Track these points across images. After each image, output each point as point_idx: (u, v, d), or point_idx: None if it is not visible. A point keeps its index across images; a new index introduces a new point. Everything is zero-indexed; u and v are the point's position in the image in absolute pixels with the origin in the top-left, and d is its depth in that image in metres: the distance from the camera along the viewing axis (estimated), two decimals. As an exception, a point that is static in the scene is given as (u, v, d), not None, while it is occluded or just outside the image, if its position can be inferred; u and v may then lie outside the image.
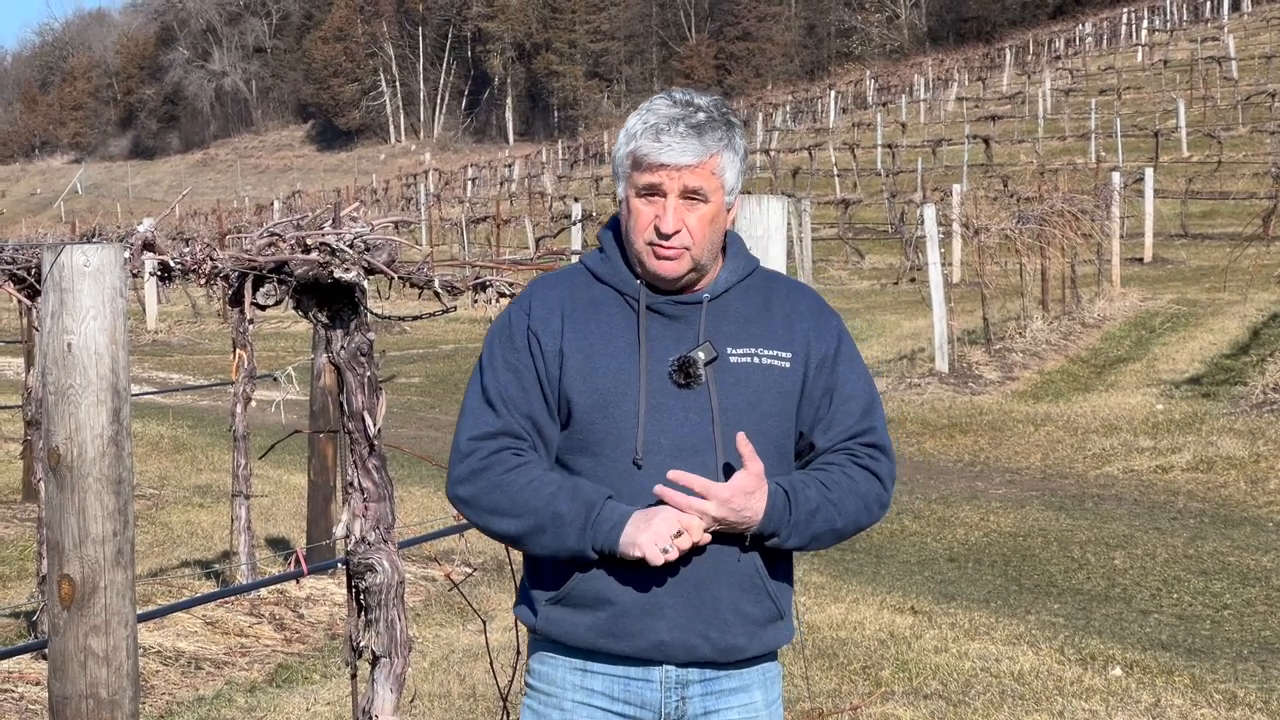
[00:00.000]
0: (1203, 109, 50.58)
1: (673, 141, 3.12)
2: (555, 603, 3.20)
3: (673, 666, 3.18)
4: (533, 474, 3.14)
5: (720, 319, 3.21)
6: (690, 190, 3.14)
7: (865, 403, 3.28)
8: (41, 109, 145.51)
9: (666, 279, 3.17)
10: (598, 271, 3.26)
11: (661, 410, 3.13)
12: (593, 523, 3.06)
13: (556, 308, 3.22)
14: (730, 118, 3.21)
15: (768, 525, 3.11)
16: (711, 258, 3.21)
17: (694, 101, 3.18)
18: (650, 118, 3.16)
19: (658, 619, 3.13)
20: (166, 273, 3.87)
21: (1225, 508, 11.56)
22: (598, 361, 3.16)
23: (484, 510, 3.17)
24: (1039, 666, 7.53)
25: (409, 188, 74.64)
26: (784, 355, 3.22)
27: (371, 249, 4.11)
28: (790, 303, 3.30)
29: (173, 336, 31.20)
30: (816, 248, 33.11)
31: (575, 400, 3.15)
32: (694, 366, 3.13)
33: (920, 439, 14.88)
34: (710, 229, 3.17)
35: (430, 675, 7.35)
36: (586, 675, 3.22)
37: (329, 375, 8.76)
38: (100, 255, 3.35)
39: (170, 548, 10.90)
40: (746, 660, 3.24)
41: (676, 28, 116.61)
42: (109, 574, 3.38)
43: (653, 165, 3.13)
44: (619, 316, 3.20)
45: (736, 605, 3.17)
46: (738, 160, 3.21)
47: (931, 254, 18.90)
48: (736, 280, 3.26)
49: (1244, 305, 22.36)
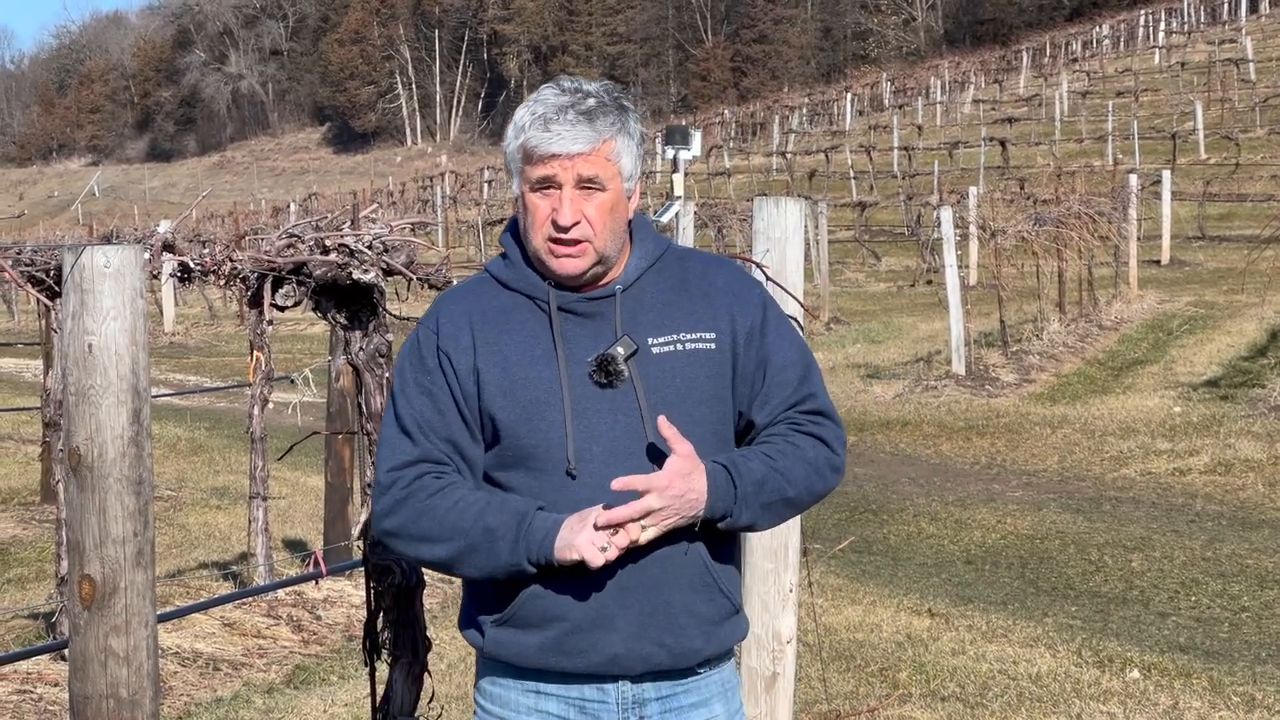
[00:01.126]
0: (1220, 111, 50.43)
1: (563, 130, 2.99)
2: (501, 624, 3.07)
3: (628, 683, 3.06)
4: (457, 495, 3.01)
5: (636, 309, 3.08)
6: (585, 179, 3.01)
7: (801, 370, 3.16)
8: (59, 112, 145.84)
9: (569, 276, 3.04)
10: (503, 278, 3.13)
11: (588, 415, 3.01)
12: (524, 533, 2.93)
13: (464, 322, 3.09)
14: (623, 101, 3.08)
15: (715, 505, 2.97)
16: (616, 249, 3.08)
17: (583, 88, 3.06)
18: (538, 108, 3.04)
19: (610, 632, 3.01)
20: (186, 274, 3.88)
21: (1243, 510, 11.53)
22: (516, 372, 3.03)
23: (412, 539, 3.03)
24: (1056, 669, 7.52)
25: (425, 190, 74.69)
26: (708, 336, 3.09)
27: (390, 250, 4.12)
28: (707, 279, 3.15)
29: (190, 339, 31.28)
30: (833, 250, 33.08)
31: (498, 416, 3.03)
32: (613, 364, 3.00)
33: (937, 441, 14.86)
34: (611, 218, 3.04)
35: (448, 676, 7.36)
36: (540, 698, 3.10)
37: (346, 377, 8.77)
38: (121, 256, 3.35)
39: (188, 549, 10.93)
40: (704, 664, 3.13)
41: (693, 30, 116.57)
42: (129, 574, 3.39)
43: (544, 156, 3.00)
44: (531, 322, 3.07)
45: (689, 606, 3.06)
46: (634, 145, 3.08)
47: (948, 256, 18.88)
48: (647, 265, 3.13)
49: (1262, 307, 22.29)
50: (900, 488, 12.67)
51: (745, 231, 26.12)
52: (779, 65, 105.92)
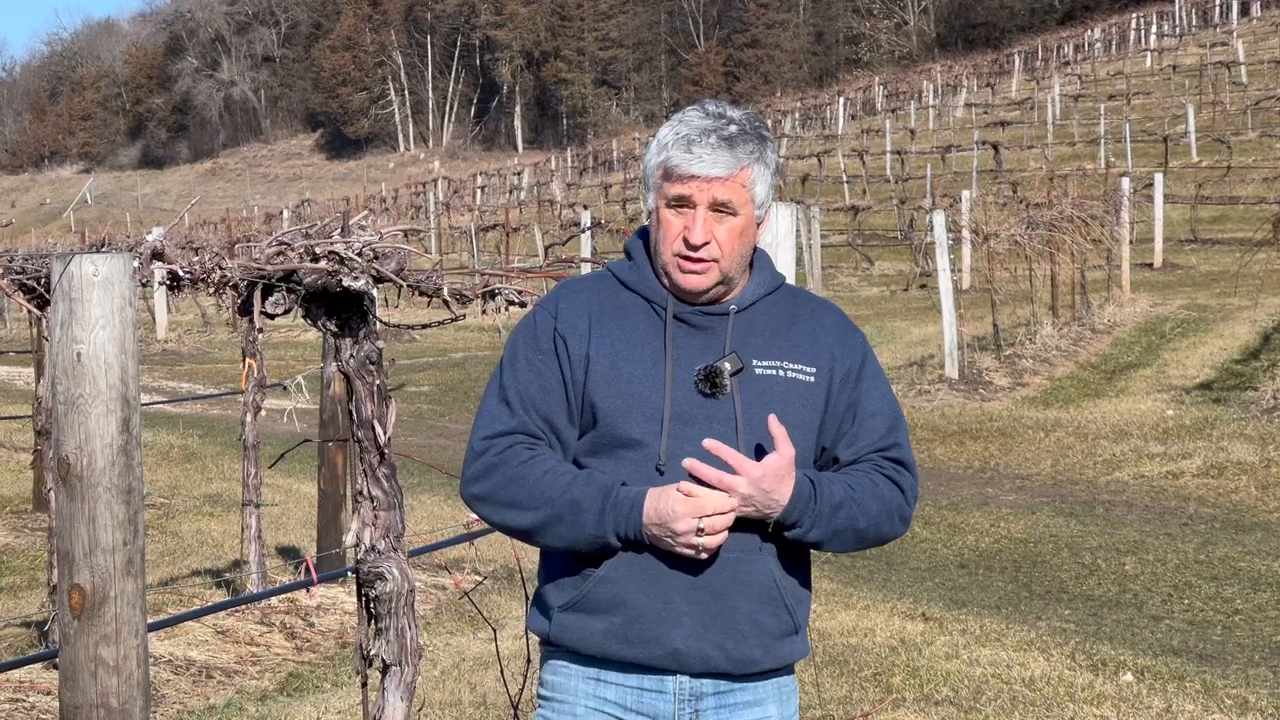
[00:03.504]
0: (1212, 114, 50.50)
1: (704, 153, 3.11)
2: (569, 608, 3.17)
3: (686, 677, 3.14)
4: (547, 465, 3.12)
5: (746, 331, 3.20)
6: (719, 202, 3.13)
7: (890, 419, 3.28)
8: (50, 119, 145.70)
9: (693, 292, 3.17)
10: (625, 279, 3.26)
11: (686, 419, 3.12)
12: (610, 505, 3.05)
13: (584, 311, 3.21)
14: (762, 131, 3.19)
15: (791, 513, 3.08)
16: (739, 271, 3.21)
17: (726, 114, 3.17)
18: (682, 129, 3.15)
19: (674, 626, 3.10)
20: (176, 282, 3.88)
21: (1236, 513, 11.54)
22: (624, 367, 3.15)
23: (500, 505, 3.15)
24: (1050, 673, 7.52)
25: (418, 196, 74.74)
26: (809, 369, 3.21)
27: (380, 257, 4.11)
28: (816, 318, 3.30)
29: (182, 346, 31.25)
30: (826, 254, 33.10)
31: (600, 404, 3.14)
32: (720, 376, 3.13)
33: (930, 445, 14.87)
34: (739, 242, 3.17)
35: (441, 684, 7.35)
36: (600, 685, 3.19)
37: (338, 384, 8.76)
38: (109, 265, 3.35)
39: (181, 557, 10.91)
40: (761, 674, 3.20)
41: (685, 35, 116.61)
42: (119, 583, 3.38)
43: (683, 176, 3.13)
44: (645, 324, 3.19)
45: (754, 616, 3.14)
46: (769, 174, 3.20)
47: (941, 260, 18.90)
48: (763, 294, 3.26)
49: (1254, 310, 22.32)
50: (894, 492, 12.66)
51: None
52: (771, 70, 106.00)
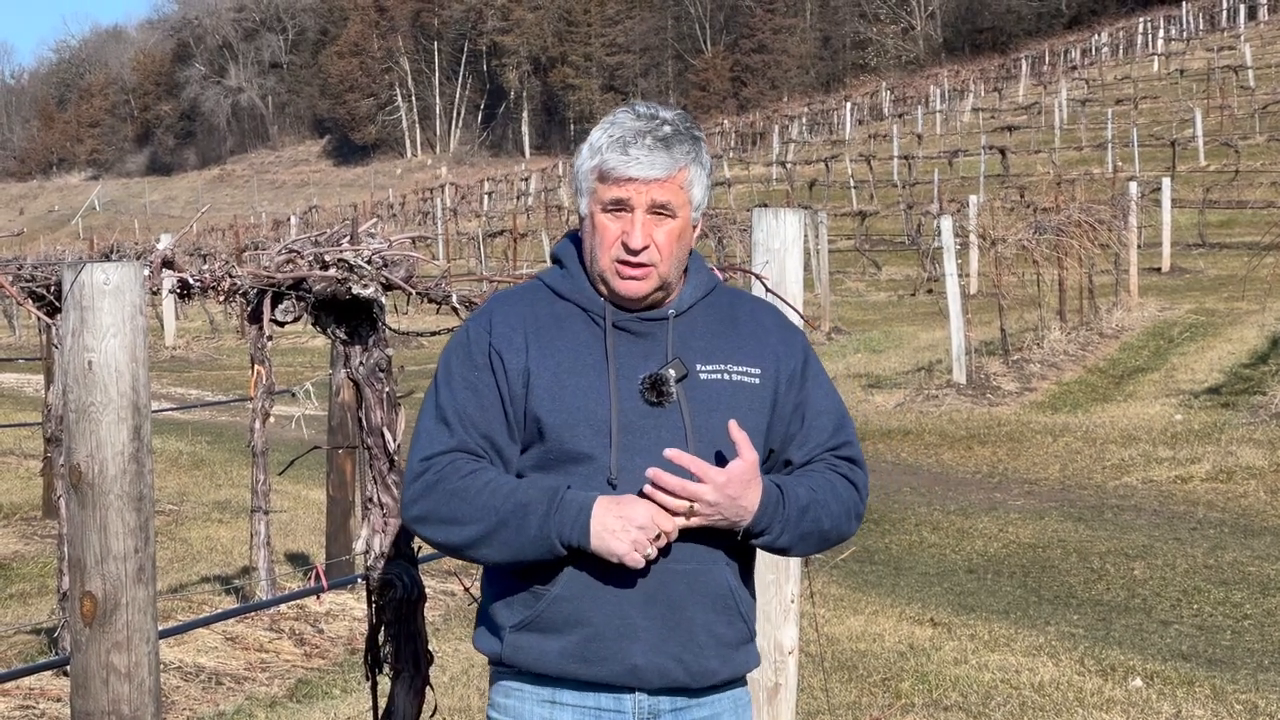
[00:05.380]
0: (1220, 118, 50.46)
1: (640, 154, 3.05)
2: (523, 628, 3.09)
3: (644, 694, 3.09)
4: (488, 477, 3.05)
5: (688, 335, 3.15)
6: (658, 204, 3.07)
7: (837, 418, 3.25)
8: (59, 126, 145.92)
9: (632, 298, 3.11)
10: (559, 288, 3.19)
11: (634, 430, 3.06)
12: (556, 508, 2.98)
13: (519, 324, 3.14)
14: (695, 132, 3.13)
15: (761, 519, 3.04)
16: (677, 275, 3.15)
17: (659, 114, 3.11)
18: (615, 130, 3.08)
19: (632, 642, 3.04)
20: (186, 290, 3.89)
21: (1245, 518, 11.53)
22: (566, 379, 3.08)
23: (441, 522, 3.05)
24: (1059, 678, 7.51)
25: (425, 202, 74.75)
26: (753, 371, 3.16)
27: (389, 265, 4.12)
28: (755, 319, 3.25)
29: (191, 353, 31.25)
30: (833, 259, 33.08)
31: (545, 419, 3.07)
32: (666, 384, 3.07)
33: (938, 450, 14.86)
34: (677, 245, 3.11)
35: (450, 689, 7.36)
36: (555, 708, 3.11)
37: (348, 391, 8.77)
38: (120, 273, 3.36)
39: (190, 564, 10.93)
40: (717, 686, 3.16)
41: (692, 40, 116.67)
42: (130, 590, 3.39)
43: (620, 179, 3.06)
44: (584, 334, 3.13)
45: (710, 627, 3.10)
46: (705, 175, 3.15)
47: (948, 265, 18.88)
48: (700, 296, 3.20)
49: (1263, 314, 22.28)
50: (902, 497, 12.67)
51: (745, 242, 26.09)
52: (778, 75, 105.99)
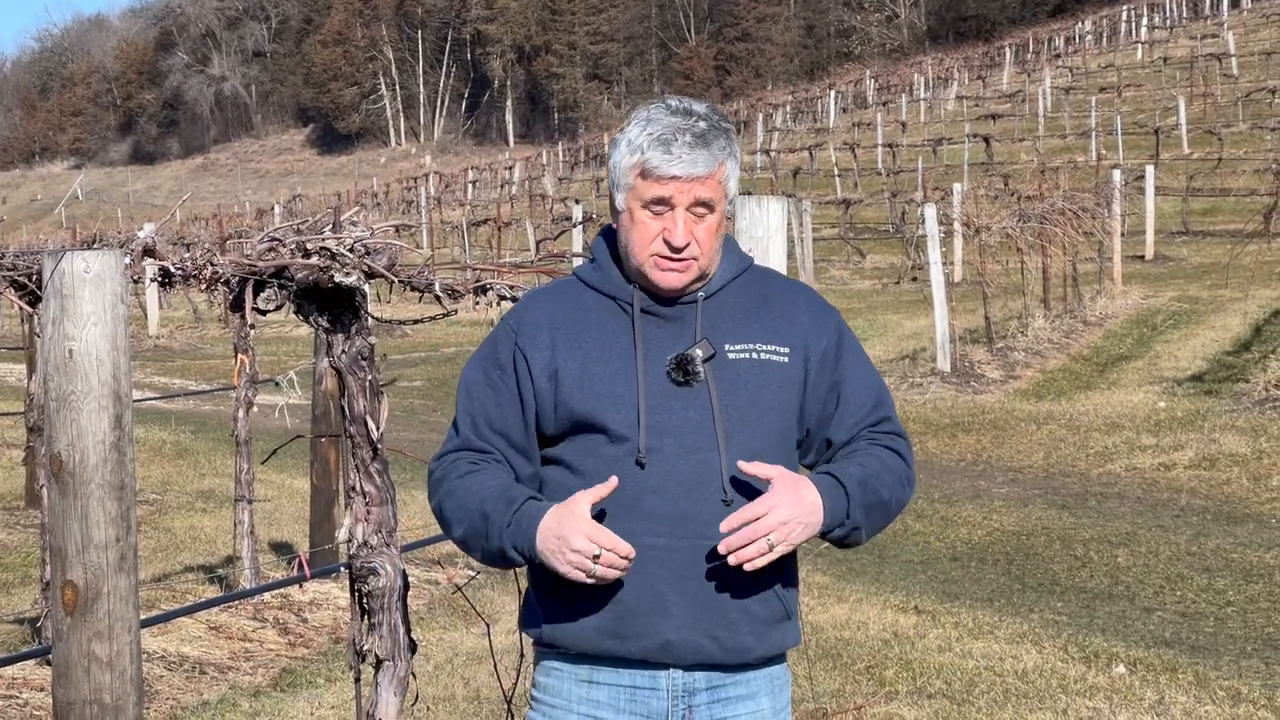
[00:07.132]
0: (1203, 106, 50.55)
1: (683, 153, 3.07)
2: (559, 608, 3.16)
3: (679, 671, 3.12)
4: (476, 480, 3.14)
5: (717, 317, 3.18)
6: (701, 201, 3.10)
7: (875, 394, 3.28)
8: (41, 115, 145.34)
9: (672, 290, 3.15)
10: (590, 281, 3.24)
11: (661, 410, 3.10)
12: (513, 519, 3.05)
13: (545, 322, 3.19)
14: (726, 124, 3.16)
15: (833, 509, 3.06)
16: (715, 265, 3.20)
17: (692, 109, 3.13)
18: (654, 128, 3.10)
19: (664, 618, 3.08)
20: (167, 279, 3.87)
21: (1228, 505, 11.56)
22: (594, 368, 3.13)
23: (443, 521, 3.21)
24: (1043, 665, 7.53)
25: (409, 191, 74.64)
26: (782, 350, 3.18)
27: (372, 253, 4.10)
28: (788, 298, 3.28)
29: (174, 342, 31.20)
30: (817, 248, 33.11)
31: (576, 408, 3.12)
32: (692, 364, 3.10)
33: (923, 438, 14.88)
34: (716, 238, 3.16)
35: (434, 679, 7.35)
36: (592, 687, 3.17)
37: (330, 380, 8.76)
38: (101, 262, 3.35)
39: (174, 553, 10.91)
40: (753, 664, 3.18)
41: (676, 29, 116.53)
42: (112, 580, 3.38)
43: (663, 177, 3.08)
44: (613, 323, 3.17)
45: (744, 604, 3.11)
46: (738, 168, 3.19)
47: (933, 253, 18.90)
48: (731, 278, 3.23)
49: (1246, 302, 22.36)
50: (886, 485, 12.67)
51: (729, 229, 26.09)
52: (762, 63, 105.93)
